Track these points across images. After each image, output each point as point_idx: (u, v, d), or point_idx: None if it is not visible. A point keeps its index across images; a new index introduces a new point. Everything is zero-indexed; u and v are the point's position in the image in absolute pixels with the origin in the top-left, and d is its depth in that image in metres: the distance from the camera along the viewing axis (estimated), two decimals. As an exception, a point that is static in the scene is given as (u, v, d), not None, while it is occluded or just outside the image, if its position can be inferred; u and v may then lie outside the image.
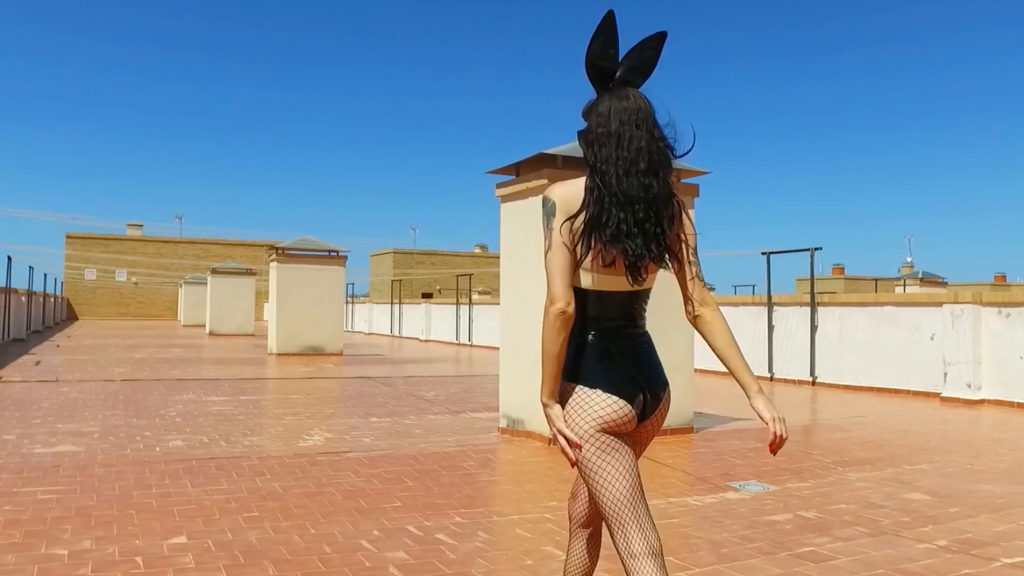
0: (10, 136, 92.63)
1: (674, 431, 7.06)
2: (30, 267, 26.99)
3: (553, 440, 2.09)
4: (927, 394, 10.37)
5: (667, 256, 2.07)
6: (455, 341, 23.40)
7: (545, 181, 6.52)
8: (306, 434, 6.91)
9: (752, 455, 6.39)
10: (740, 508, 4.75)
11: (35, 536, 3.80)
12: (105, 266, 48.09)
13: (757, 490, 5.27)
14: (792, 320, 12.52)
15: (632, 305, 2.11)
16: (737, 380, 2.09)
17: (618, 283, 2.04)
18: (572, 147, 6.77)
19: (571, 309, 1.96)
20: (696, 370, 7.64)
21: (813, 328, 12.06)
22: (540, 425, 6.55)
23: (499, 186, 7.21)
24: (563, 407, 2.02)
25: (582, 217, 1.97)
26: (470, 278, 23.50)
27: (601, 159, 2.00)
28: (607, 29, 2.08)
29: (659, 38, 2.12)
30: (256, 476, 5.13)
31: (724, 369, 2.17)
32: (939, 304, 10.40)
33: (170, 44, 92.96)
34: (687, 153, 2.09)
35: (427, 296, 44.89)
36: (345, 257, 17.87)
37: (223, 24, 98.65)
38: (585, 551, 2.29)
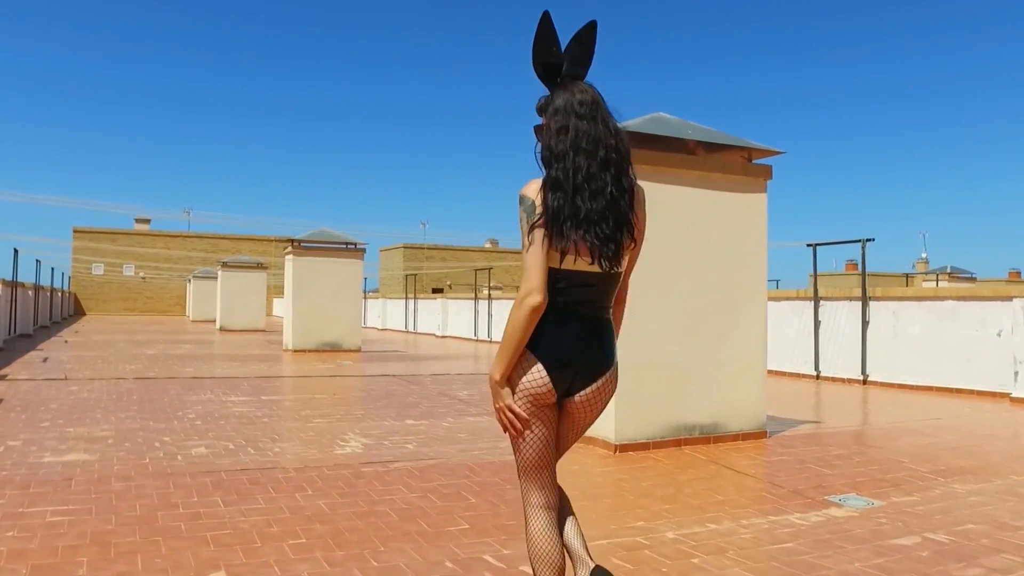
0: (16, 132, 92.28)
1: (747, 436, 6.40)
2: (37, 260, 26.41)
3: (497, 414, 2.21)
4: (994, 394, 9.68)
5: (626, 244, 2.16)
6: (473, 337, 22.75)
7: (609, 159, 5.85)
8: (341, 440, 6.27)
9: (839, 463, 5.73)
10: (855, 529, 4.10)
11: (44, 571, 3.16)
12: (113, 259, 47.57)
13: (861, 505, 4.63)
14: (840, 315, 11.83)
15: (600, 288, 2.18)
16: None
17: (583, 265, 2.12)
18: (642, 122, 6.12)
19: (545, 301, 2.06)
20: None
21: (864, 324, 11.37)
22: (603, 430, 5.90)
23: (552, 166, 6.55)
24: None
25: (549, 209, 2.06)
26: (489, 272, 22.84)
27: (560, 154, 2.08)
28: (546, 29, 2.17)
29: (591, 27, 2.21)
30: (296, 492, 4.49)
31: (786, 369, 1.65)
32: (1008, 298, 9.70)
33: (181, 40, 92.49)
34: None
35: (438, 291, 44.29)
36: (363, 250, 17.21)
37: (231, 20, 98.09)
38: (557, 531, 2.30)
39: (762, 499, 4.76)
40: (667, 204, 6.12)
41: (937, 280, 23.33)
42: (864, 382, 11.25)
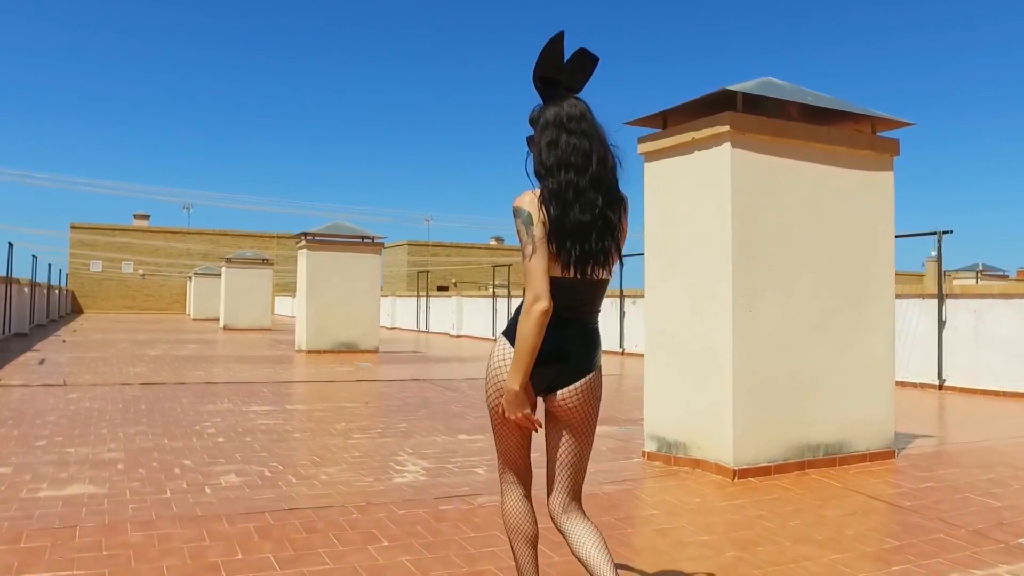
0: (17, 130, 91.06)
1: (874, 455, 5.41)
2: (33, 256, 25.35)
3: (514, 418, 2.22)
4: (1099, 402, 8.70)
5: (613, 254, 2.26)
6: (491, 337, 21.71)
7: (726, 128, 4.84)
8: (395, 462, 5.26)
9: (1000, 491, 4.76)
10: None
11: None
12: (112, 254, 46.42)
13: (1072, 553, 3.65)
14: (911, 314, 10.83)
15: (589, 294, 2.26)
16: None
17: (569, 273, 2.20)
18: (755, 84, 5.11)
19: (551, 305, 2.13)
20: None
21: (941, 324, 10.38)
22: (718, 452, 4.90)
23: (644, 140, 5.52)
24: (490, 354, 2.35)
25: (541, 220, 2.15)
26: (509, 269, 21.80)
27: (551, 167, 2.18)
28: (555, 48, 2.24)
29: (592, 58, 2.30)
30: (368, 542, 3.47)
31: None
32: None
33: (182, 37, 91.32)
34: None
35: (442, 289, 43.21)
36: (381, 244, 16.14)
37: (231, 19, 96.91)
38: (588, 537, 2.27)
39: (944, 544, 3.77)
40: (787, 182, 5.13)
41: (977, 278, 22.33)
42: (940, 387, 10.26)
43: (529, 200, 2.19)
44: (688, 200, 5.20)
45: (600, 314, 2.38)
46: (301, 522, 3.74)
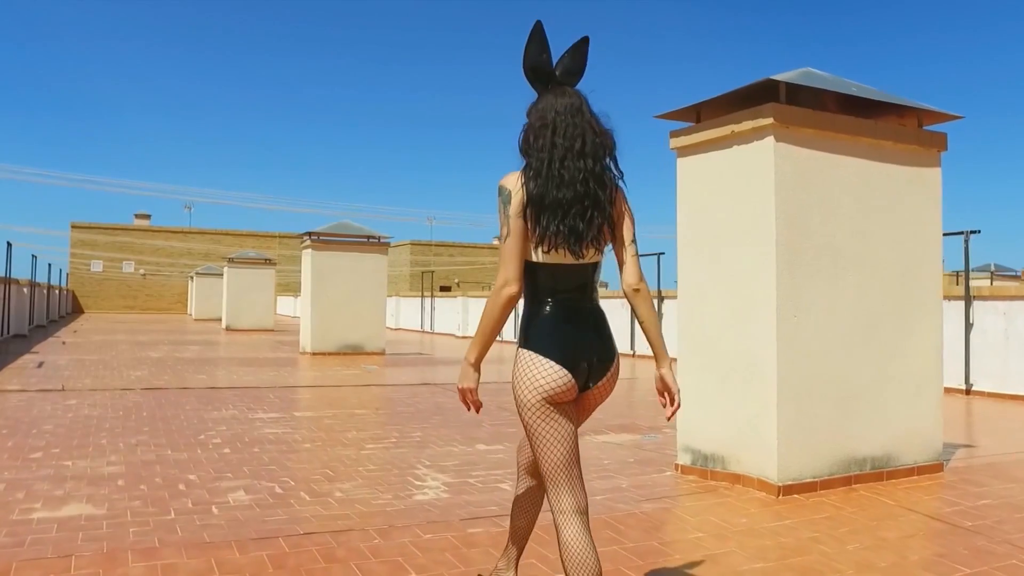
0: (18, 127, 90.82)
1: (922, 469, 5.08)
2: (33, 256, 25.04)
3: (461, 395, 2.25)
4: None
5: (603, 234, 2.23)
6: (499, 338, 21.37)
7: (770, 120, 4.51)
8: (413, 476, 4.94)
9: (1062, 511, 4.42)
10: None
11: None
12: (113, 253, 46.12)
13: None
14: (936, 316, 10.50)
15: (583, 278, 2.25)
16: (652, 350, 2.38)
17: (567, 257, 2.19)
18: (796, 75, 4.78)
19: (520, 291, 2.18)
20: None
21: (968, 326, 10.05)
22: (761, 466, 4.57)
23: (677, 134, 5.19)
24: (513, 369, 2.22)
25: (520, 198, 2.16)
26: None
27: (539, 147, 2.20)
28: (538, 37, 2.29)
29: (584, 42, 2.34)
30: (394, 573, 3.14)
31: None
32: None
33: (187, 38, 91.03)
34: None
35: (445, 289, 42.88)
36: (387, 244, 15.81)
37: (233, 18, 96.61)
38: (532, 493, 2.55)
39: (1019, 571, 3.46)
40: (832, 178, 4.81)
41: (992, 279, 21.97)
42: (968, 392, 9.94)
43: (513, 180, 2.20)
44: (726, 197, 4.87)
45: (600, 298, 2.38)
46: (318, 549, 3.41)
